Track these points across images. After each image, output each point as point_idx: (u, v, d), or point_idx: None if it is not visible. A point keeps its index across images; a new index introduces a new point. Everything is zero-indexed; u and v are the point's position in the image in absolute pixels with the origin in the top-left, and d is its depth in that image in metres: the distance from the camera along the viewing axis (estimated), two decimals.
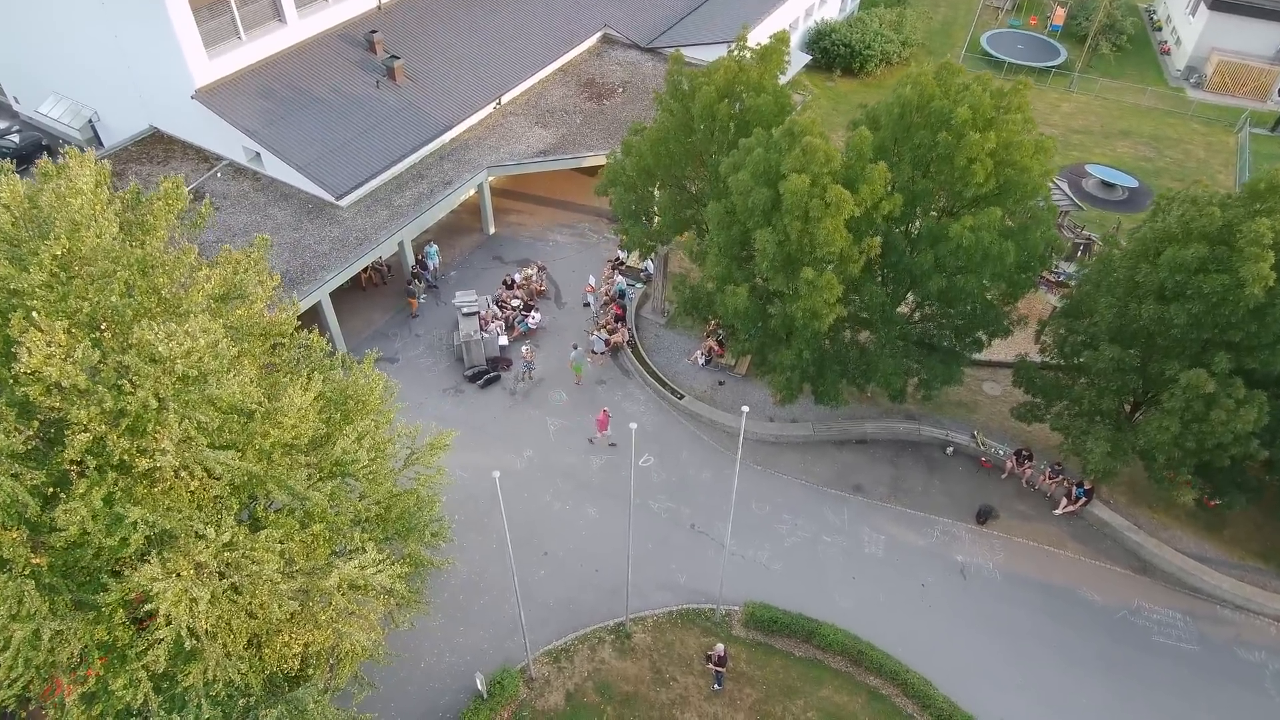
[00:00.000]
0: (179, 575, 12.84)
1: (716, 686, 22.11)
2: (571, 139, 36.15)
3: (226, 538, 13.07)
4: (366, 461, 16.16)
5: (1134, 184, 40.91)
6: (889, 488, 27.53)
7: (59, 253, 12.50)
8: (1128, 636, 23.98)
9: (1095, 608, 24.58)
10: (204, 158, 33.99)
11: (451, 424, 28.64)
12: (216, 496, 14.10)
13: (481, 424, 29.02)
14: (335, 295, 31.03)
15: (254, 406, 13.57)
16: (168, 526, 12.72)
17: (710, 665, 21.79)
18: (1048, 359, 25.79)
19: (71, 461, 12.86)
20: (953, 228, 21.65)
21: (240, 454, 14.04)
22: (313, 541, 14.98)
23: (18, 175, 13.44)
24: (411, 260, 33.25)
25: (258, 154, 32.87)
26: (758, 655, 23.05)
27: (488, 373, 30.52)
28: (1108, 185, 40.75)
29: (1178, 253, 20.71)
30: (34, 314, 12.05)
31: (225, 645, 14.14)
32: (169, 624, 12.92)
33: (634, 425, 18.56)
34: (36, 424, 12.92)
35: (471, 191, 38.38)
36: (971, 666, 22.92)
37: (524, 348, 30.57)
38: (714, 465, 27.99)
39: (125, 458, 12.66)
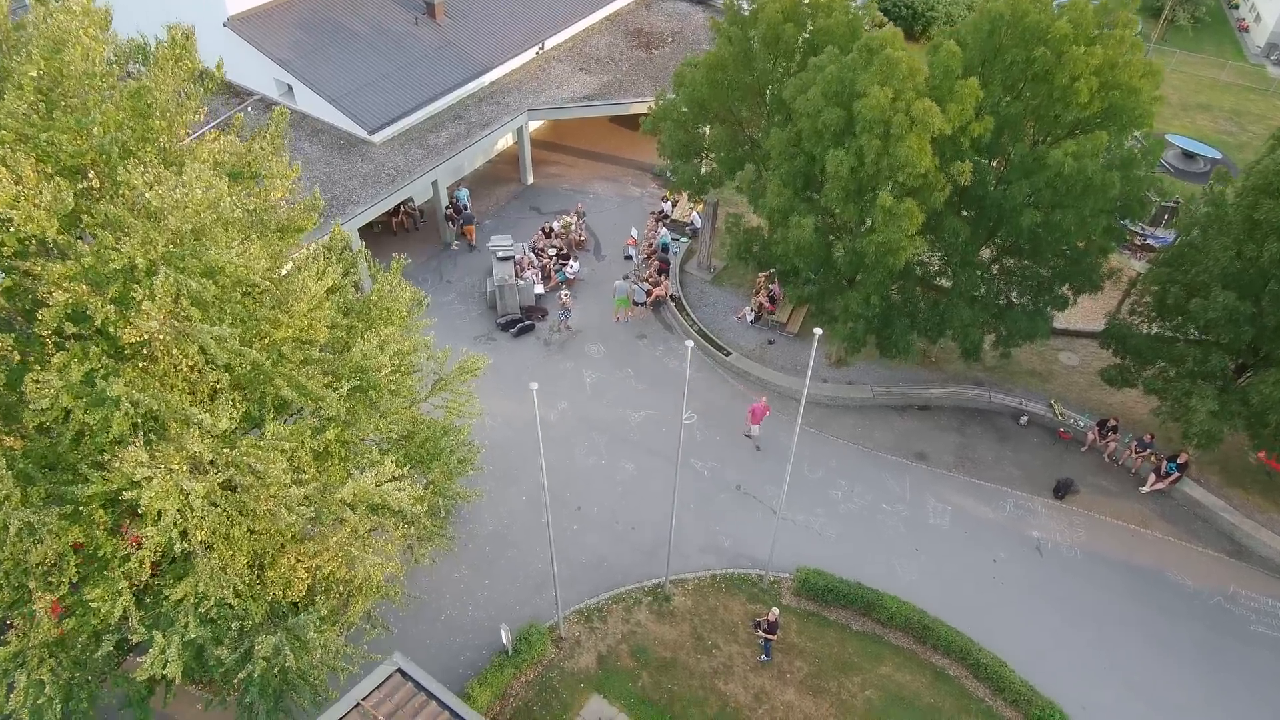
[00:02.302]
0: (170, 469, 10.99)
1: (764, 657, 19.94)
2: (617, 86, 34.17)
3: (224, 425, 11.18)
4: (390, 369, 14.24)
5: (1217, 156, 38.09)
6: (956, 456, 25.15)
7: (35, 74, 10.73)
8: (1223, 624, 21.43)
9: (1186, 592, 22.05)
10: (234, 92, 32.44)
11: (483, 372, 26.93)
12: (216, 386, 12.23)
13: (514, 374, 27.07)
14: (366, 238, 29.35)
15: (259, 280, 11.68)
16: (155, 408, 10.86)
17: (759, 633, 19.62)
18: (1138, 322, 23.32)
19: (50, 331, 11.07)
20: (1052, 154, 19.30)
21: (245, 342, 12.19)
22: (325, 450, 13.07)
23: None
24: (445, 203, 31.47)
25: (289, 87, 31.28)
26: (810, 626, 20.85)
27: (521, 321, 28.60)
28: (1189, 156, 37.96)
29: None
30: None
31: (221, 558, 12.29)
32: (157, 522, 11.05)
33: (690, 343, 16.49)
34: (10, 282, 11.15)
35: (510, 140, 36.66)
36: (1049, 650, 20.54)
37: (562, 293, 28.61)
38: (763, 425, 25.77)
39: (110, 328, 10.82)
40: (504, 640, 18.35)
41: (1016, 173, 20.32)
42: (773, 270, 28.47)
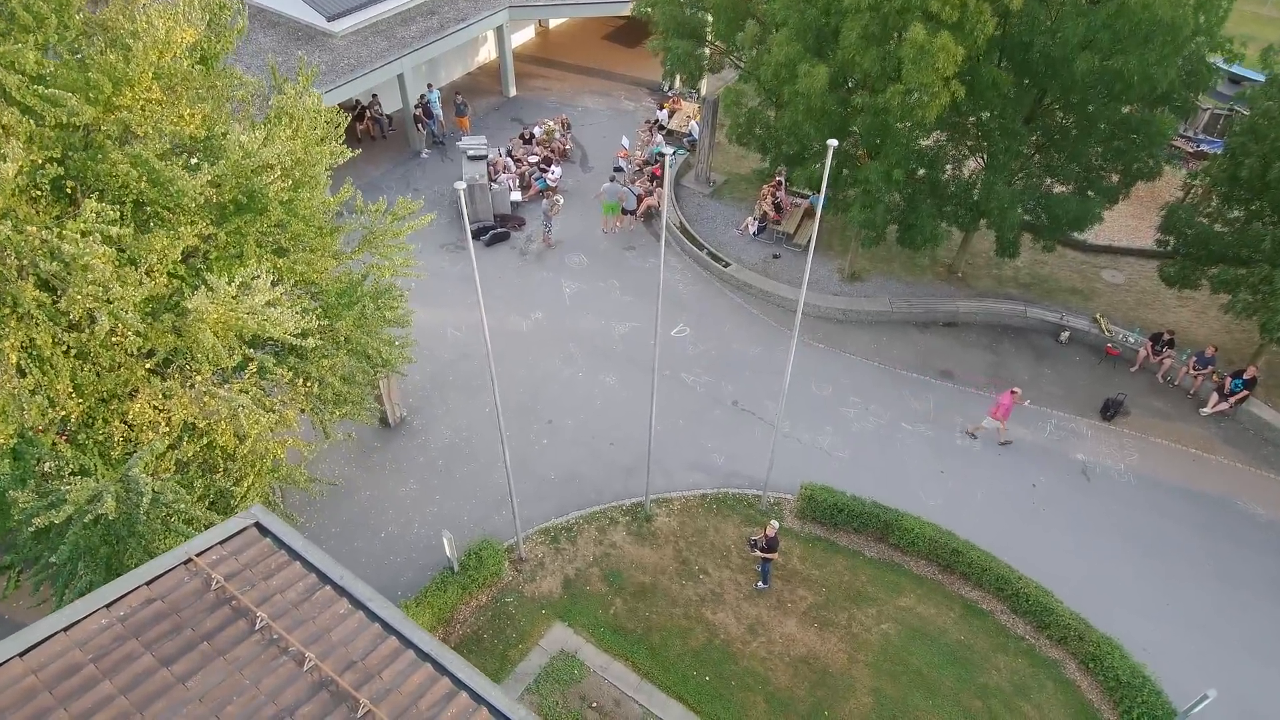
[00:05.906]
0: None
1: (761, 584, 16.76)
2: None
3: (11, 170, 8.09)
4: (279, 174, 11.09)
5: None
6: (987, 375, 21.89)
7: None
8: None
9: (1259, 522, 18.79)
10: None
11: (448, 281, 23.95)
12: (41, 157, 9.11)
13: (483, 283, 23.80)
14: None
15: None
16: None
17: (755, 552, 16.44)
18: (1201, 218, 20.12)
19: None
20: None
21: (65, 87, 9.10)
22: (169, 249, 9.81)
23: None
24: (413, 103, 28.37)
25: None
26: (815, 552, 17.65)
27: (494, 229, 25.45)
28: (1237, 82, 34.60)
29: None
30: None
31: (35, 382, 9.20)
32: None
33: (664, 152, 13.35)
34: None
35: (493, 53, 33.61)
36: (1098, 582, 17.31)
37: (558, 200, 25.35)
38: (764, 340, 22.62)
39: None
40: (447, 552, 15.18)
41: (1070, 11, 17.06)
42: (780, 178, 25.46)
